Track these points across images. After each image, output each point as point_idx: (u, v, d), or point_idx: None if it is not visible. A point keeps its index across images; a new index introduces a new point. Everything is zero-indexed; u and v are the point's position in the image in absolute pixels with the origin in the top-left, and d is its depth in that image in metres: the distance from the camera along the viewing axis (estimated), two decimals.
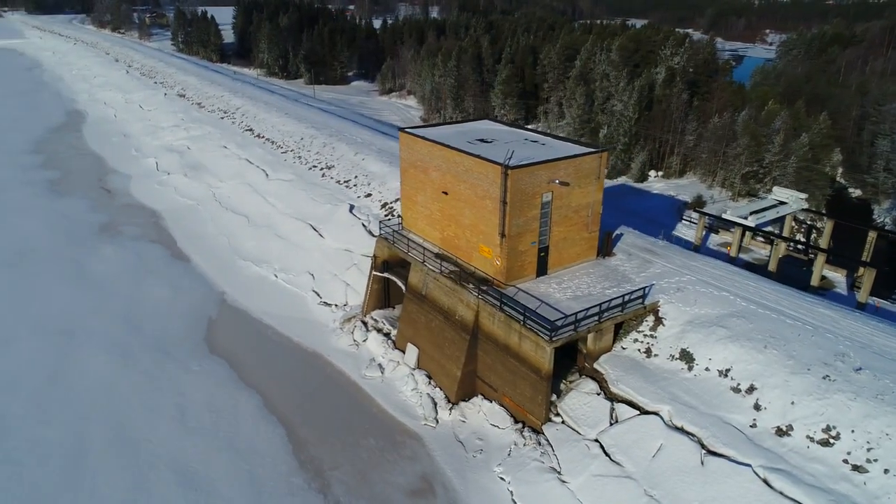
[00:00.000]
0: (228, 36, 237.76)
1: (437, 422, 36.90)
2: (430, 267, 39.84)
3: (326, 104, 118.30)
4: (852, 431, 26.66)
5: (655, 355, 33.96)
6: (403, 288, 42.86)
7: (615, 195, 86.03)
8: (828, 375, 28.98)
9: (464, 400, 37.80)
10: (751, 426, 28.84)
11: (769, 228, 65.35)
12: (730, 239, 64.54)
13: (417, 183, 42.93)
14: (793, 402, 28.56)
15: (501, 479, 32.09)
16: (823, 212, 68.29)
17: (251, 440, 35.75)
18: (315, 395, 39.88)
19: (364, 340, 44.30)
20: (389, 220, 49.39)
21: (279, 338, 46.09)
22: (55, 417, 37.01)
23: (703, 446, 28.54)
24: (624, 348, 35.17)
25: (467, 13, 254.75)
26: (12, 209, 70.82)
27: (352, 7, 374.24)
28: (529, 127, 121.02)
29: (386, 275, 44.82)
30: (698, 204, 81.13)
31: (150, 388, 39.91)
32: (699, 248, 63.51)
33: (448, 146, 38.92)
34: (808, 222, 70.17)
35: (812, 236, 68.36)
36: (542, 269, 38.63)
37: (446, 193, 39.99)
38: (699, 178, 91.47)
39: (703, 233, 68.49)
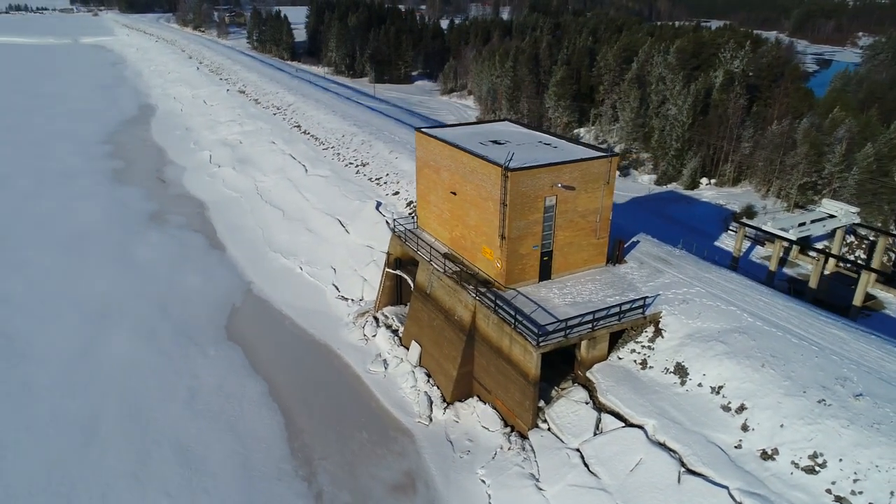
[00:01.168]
0: (301, 35, 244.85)
1: (431, 420, 37.19)
2: (435, 266, 40.13)
3: (379, 102, 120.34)
4: (840, 460, 25.14)
5: (650, 367, 33.00)
6: (412, 286, 43.34)
7: (660, 201, 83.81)
8: (824, 399, 27.40)
9: (459, 400, 37.91)
10: (735, 447, 27.64)
11: (824, 243, 62.10)
12: (769, 251, 61.67)
13: (431, 183, 43.30)
14: (782, 425, 27.18)
15: (482, 481, 32.06)
16: (879, 227, 63.99)
17: (251, 425, 37.13)
18: (319, 386, 40.94)
19: (373, 336, 45.09)
20: (413, 217, 49.94)
21: (295, 328, 47.53)
22: (78, 391, 39.63)
23: (682, 464, 27.60)
24: (620, 358, 34.35)
25: (537, 14, 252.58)
26: (78, 195, 75.85)
27: (423, 7, 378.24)
28: (582, 130, 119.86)
29: (398, 272, 45.43)
30: (748, 214, 77.78)
31: (168, 370, 42.06)
32: (738, 261, 61.05)
33: (456, 146, 39.09)
34: (872, 238, 65.88)
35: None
36: (545, 274, 38.20)
37: (455, 194, 40.16)
38: (754, 187, 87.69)
39: (747, 244, 65.73)
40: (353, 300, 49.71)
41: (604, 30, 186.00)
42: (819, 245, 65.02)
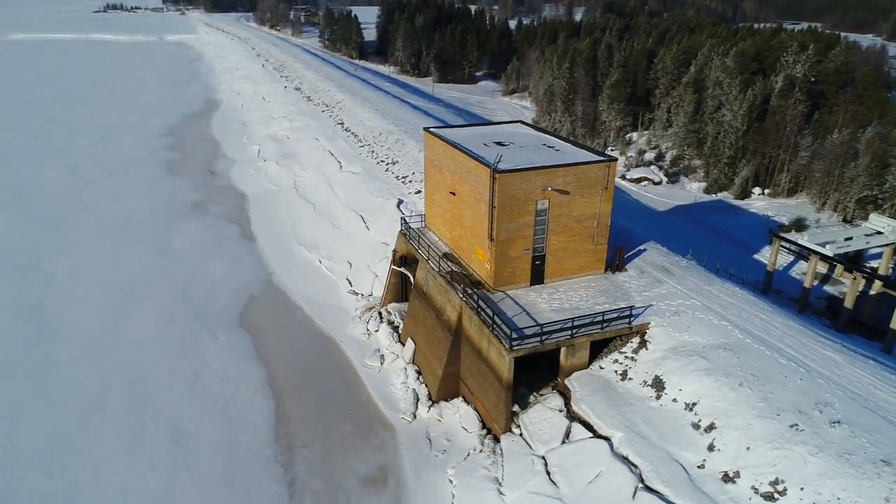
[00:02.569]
0: (372, 35, 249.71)
1: (415, 417, 37.53)
2: (431, 265, 40.40)
3: (428, 102, 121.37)
4: (801, 489, 23.72)
5: (630, 379, 32.10)
6: (413, 284, 43.77)
7: (705, 211, 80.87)
8: (796, 424, 25.91)
9: (445, 400, 38.03)
10: (698, 466, 26.56)
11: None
12: (819, 268, 58.36)
13: (435, 182, 43.59)
14: (748, 448, 25.90)
15: (450, 481, 32.13)
16: None
17: (244, 410, 38.59)
18: (316, 376, 42.03)
19: (376, 331, 45.83)
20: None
21: (304, 320, 48.92)
22: (93, 367, 42.32)
23: (641, 480, 26.77)
24: (602, 367, 33.57)
25: (611, 14, 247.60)
26: (132, 184, 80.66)
27: (496, 7, 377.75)
28: (634, 135, 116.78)
29: (402, 269, 45.97)
30: (797, 227, 73.90)
31: (179, 353, 44.22)
32: (773, 275, 58.17)
33: (455, 146, 39.21)
34: None
35: None
36: (537, 278, 37.75)
37: (454, 194, 40.30)
38: (810, 199, 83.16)
39: (789, 259, 62.48)
40: (362, 295, 50.67)
41: (675, 31, 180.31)
42: (873, 264, 61.02)
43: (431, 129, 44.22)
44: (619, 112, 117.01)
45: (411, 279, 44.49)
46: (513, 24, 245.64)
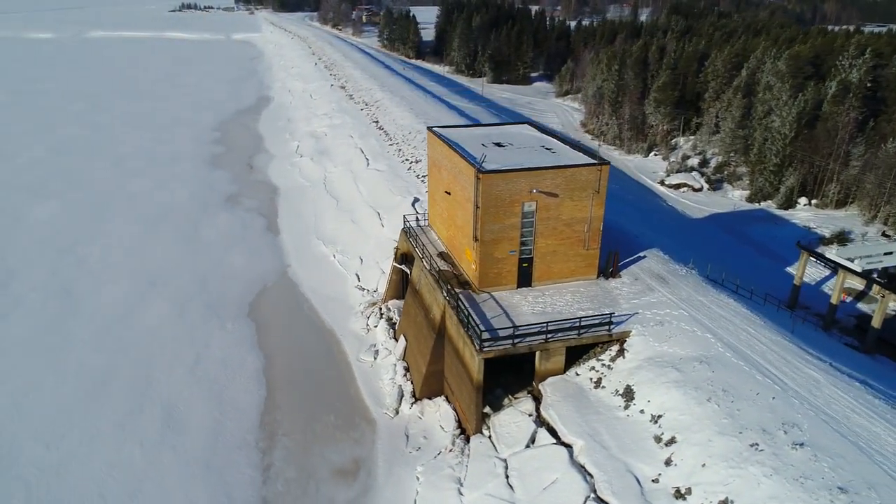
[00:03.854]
0: (431, 35, 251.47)
1: (398, 413, 37.92)
2: (424, 263, 40.66)
3: (470, 101, 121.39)
4: None
5: (603, 387, 31.43)
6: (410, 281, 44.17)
7: (743, 219, 77.96)
8: (757, 444, 24.80)
9: (428, 397, 38.22)
10: (653, 480, 25.80)
11: None
12: (856, 284, 55.43)
13: (436, 181, 43.80)
14: (704, 465, 24.97)
15: (417, 478, 32.32)
16: None
17: (236, 396, 39.93)
18: (311, 367, 43.04)
19: (375, 326, 46.48)
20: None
21: (310, 312, 50.10)
22: (106, 348, 44.67)
23: (593, 490, 26.24)
24: (578, 374, 32.99)
25: (676, 16, 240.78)
26: (175, 176, 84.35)
27: (558, 8, 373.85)
28: (681, 139, 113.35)
29: (402, 267, 46.40)
30: (839, 240, 70.17)
31: (186, 338, 46.13)
32: (800, 290, 55.58)
33: (450, 145, 39.31)
34: None
35: None
36: (524, 281, 37.40)
37: (449, 193, 40.40)
38: (860, 211, 78.76)
39: (825, 273, 59.60)
40: (368, 290, 51.43)
41: (740, 33, 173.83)
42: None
43: (434, 129, 44.45)
44: (666, 115, 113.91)
45: (410, 277, 44.86)
46: (574, 24, 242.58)
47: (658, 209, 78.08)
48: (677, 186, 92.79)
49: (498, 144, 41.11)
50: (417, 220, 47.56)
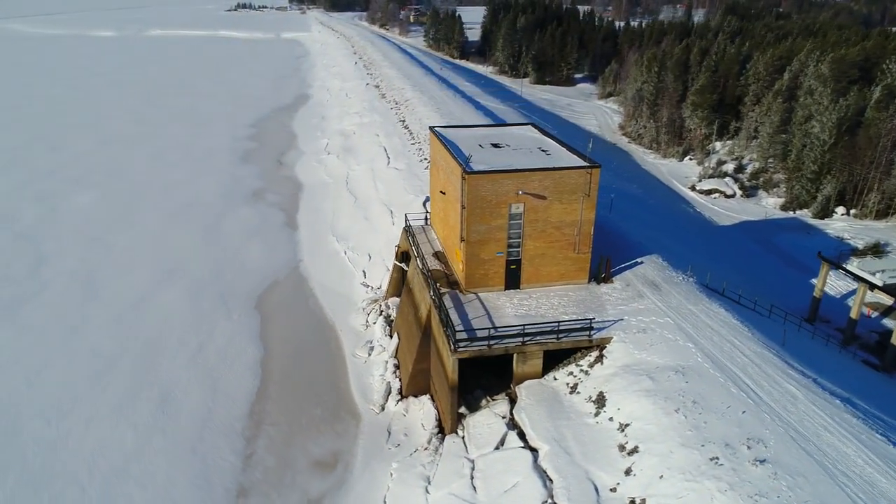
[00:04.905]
0: (477, 35, 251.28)
1: (383, 409, 38.32)
2: (417, 262, 40.93)
3: (502, 102, 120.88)
4: None
5: (578, 393, 31.05)
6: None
7: (773, 228, 75.46)
8: (717, 458, 24.10)
9: (414, 395, 38.46)
10: (611, 489, 25.37)
11: None
12: (884, 298, 53.11)
13: (435, 181, 44.02)
14: (662, 476, 24.42)
15: (391, 474, 32.61)
16: None
17: (230, 385, 41.06)
18: (307, 361, 43.88)
19: (374, 323, 47.01)
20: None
21: (315, 306, 51.05)
22: (117, 333, 46.58)
23: (550, 496, 26.00)
24: (556, 379, 32.67)
25: (732, 16, 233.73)
26: (207, 169, 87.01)
27: (609, 9, 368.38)
28: (718, 144, 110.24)
29: (402, 265, 46.77)
30: (874, 252, 66.94)
31: (193, 327, 47.65)
32: (820, 302, 53.56)
33: (445, 145, 39.44)
34: None
35: None
36: (512, 283, 37.23)
37: (444, 193, 40.56)
38: None
39: (852, 286, 57.14)
40: (372, 287, 52.03)
41: (795, 35, 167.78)
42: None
43: (435, 128, 44.65)
44: (703, 119, 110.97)
45: (406, 275, 45.20)
46: (622, 25, 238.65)
47: (682, 215, 76.22)
48: (708, 192, 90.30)
49: (495, 145, 41.02)
50: (426, 219, 47.83)
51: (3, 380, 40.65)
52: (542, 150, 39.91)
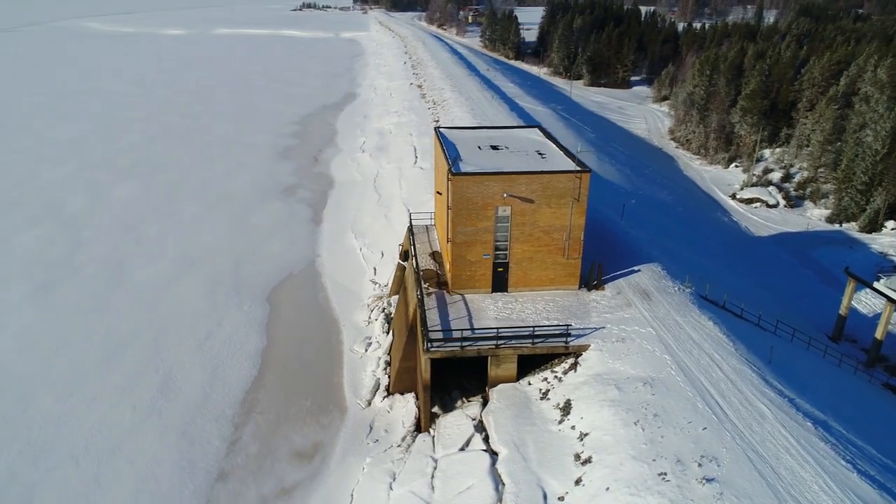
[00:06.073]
0: (534, 36, 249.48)
1: (369, 404, 38.94)
2: (412, 261, 41.31)
3: (544, 104, 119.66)
4: None
5: (548, 399, 30.73)
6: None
7: (812, 241, 72.34)
8: (665, 473, 23.46)
9: (401, 393, 38.87)
10: (559, 498, 25.06)
11: None
12: None
13: (435, 181, 44.25)
14: (608, 488, 23.95)
15: (363, 468, 33.14)
16: None
17: (229, 372, 42.55)
18: (305, 353, 44.99)
19: (375, 320, 47.69)
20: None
21: (323, 301, 52.20)
22: (134, 317, 48.95)
23: (499, 500, 25.90)
24: (530, 383, 32.41)
25: (806, 18, 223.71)
26: (245, 164, 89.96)
27: (675, 9, 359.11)
28: (767, 152, 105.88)
29: (405, 263, 47.25)
30: None
31: (205, 314, 49.57)
32: (845, 321, 50.93)
33: (442, 146, 39.65)
34: None
35: None
36: (499, 286, 37.10)
37: (440, 193, 40.78)
38: None
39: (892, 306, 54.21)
40: (379, 285, 52.73)
41: (870, 38, 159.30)
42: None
43: (439, 129, 44.89)
44: (753, 125, 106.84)
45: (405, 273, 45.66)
46: (684, 26, 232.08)
47: (713, 224, 73.70)
48: (749, 201, 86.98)
49: (494, 147, 40.95)
50: (432, 218, 48.17)
51: (22, 358, 43.42)
52: (539, 154, 39.57)
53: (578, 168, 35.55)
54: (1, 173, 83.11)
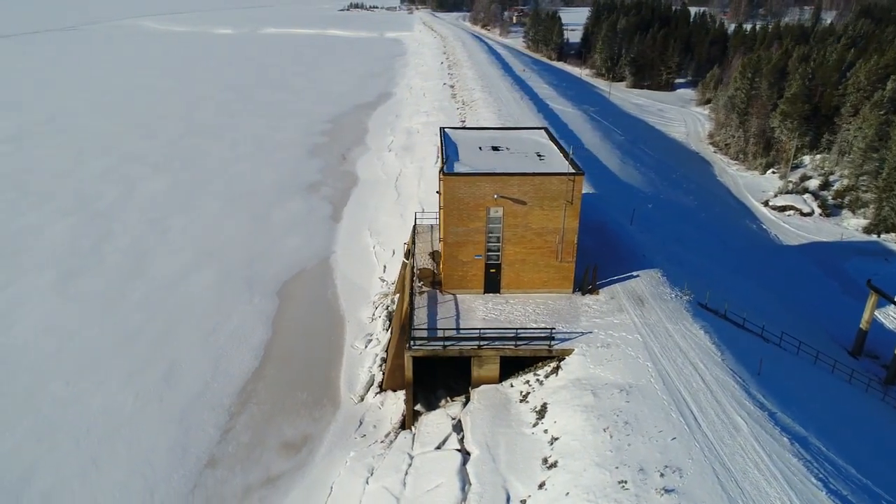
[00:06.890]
0: (578, 36, 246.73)
1: (362, 400, 39.41)
2: (412, 260, 41.60)
3: (581, 106, 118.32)
4: None
5: (527, 402, 30.58)
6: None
7: (844, 251, 69.79)
8: (625, 482, 23.08)
9: (393, 390, 39.19)
10: (521, 501, 24.95)
11: None
12: None
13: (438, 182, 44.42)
14: (567, 493, 23.71)
15: (346, 462, 33.58)
16: None
17: (230, 364, 43.61)
18: (308, 347, 45.77)
19: (379, 317, 48.18)
20: None
21: (332, 297, 52.98)
22: (147, 308, 50.65)
23: (464, 500, 25.93)
24: (512, 385, 32.31)
25: (867, 19, 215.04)
26: (273, 162, 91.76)
27: (727, 10, 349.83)
28: (807, 158, 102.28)
29: (409, 262, 47.54)
30: None
31: (214, 308, 50.87)
32: (867, 334, 48.94)
33: (443, 146, 39.81)
34: None
35: None
36: (492, 287, 37.06)
37: (439, 193, 40.90)
38: None
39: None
40: (386, 282, 53.20)
41: None
42: None
43: (445, 129, 45.05)
44: (793, 130, 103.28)
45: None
46: (733, 28, 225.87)
47: (737, 231, 71.62)
48: (782, 209, 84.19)
49: (495, 148, 40.91)
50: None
51: (40, 342, 45.48)
52: (539, 155, 39.31)
53: (572, 170, 35.18)
54: (42, 167, 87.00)
